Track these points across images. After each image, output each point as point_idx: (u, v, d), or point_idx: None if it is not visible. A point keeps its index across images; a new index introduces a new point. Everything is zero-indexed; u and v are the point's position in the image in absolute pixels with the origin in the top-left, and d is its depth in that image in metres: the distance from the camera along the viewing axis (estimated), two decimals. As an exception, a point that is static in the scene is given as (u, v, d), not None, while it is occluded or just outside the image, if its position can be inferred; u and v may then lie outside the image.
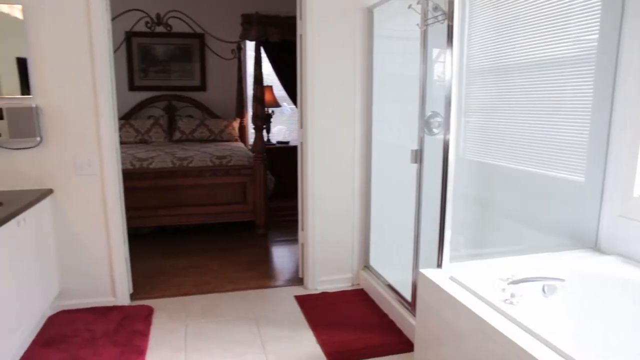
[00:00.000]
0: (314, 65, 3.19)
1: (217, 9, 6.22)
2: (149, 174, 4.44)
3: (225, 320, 3.01)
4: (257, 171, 4.61)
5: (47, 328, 2.91)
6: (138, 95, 6.30)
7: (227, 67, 6.40)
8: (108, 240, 3.13)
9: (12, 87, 2.87)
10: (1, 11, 2.79)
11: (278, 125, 6.90)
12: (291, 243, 4.59)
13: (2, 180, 2.92)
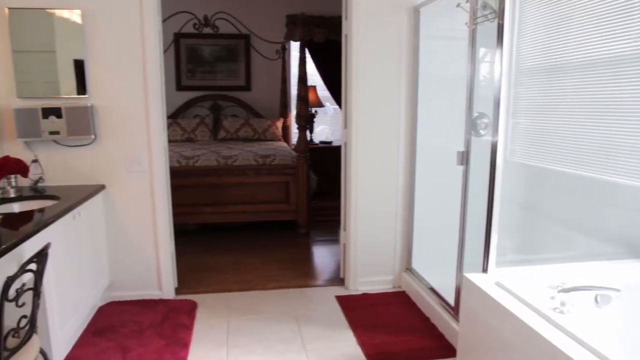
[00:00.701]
0: (359, 65, 3.18)
1: (263, 9, 6.30)
2: (194, 171, 4.55)
3: (267, 318, 3.05)
4: (300, 171, 4.65)
5: (97, 317, 3.03)
6: (185, 95, 6.47)
7: (271, 67, 6.47)
8: (155, 236, 3.24)
9: (69, 88, 3.01)
10: (62, 16, 2.93)
11: (321, 125, 6.92)
12: (332, 243, 4.59)
13: (60, 175, 3.07)
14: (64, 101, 2.99)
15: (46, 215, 2.32)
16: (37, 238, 2.09)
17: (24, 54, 2.93)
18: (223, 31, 5.45)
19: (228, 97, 6.52)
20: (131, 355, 2.60)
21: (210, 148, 5.08)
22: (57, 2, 2.91)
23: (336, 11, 5.31)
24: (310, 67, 5.67)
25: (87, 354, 2.61)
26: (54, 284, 2.35)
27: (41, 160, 3.03)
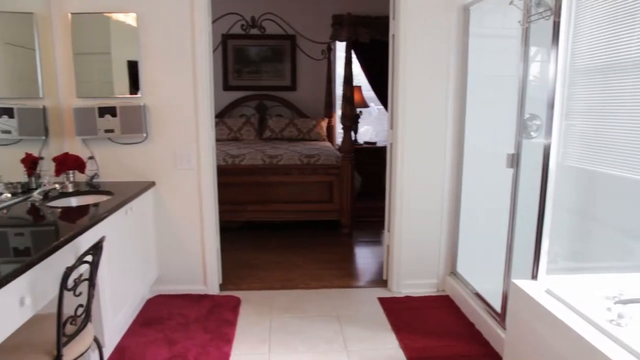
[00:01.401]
0: (406, 65, 3.15)
1: (309, 10, 6.33)
2: (240, 170, 4.63)
3: (309, 317, 3.07)
4: (344, 171, 4.64)
5: (145, 309, 3.14)
6: (231, 94, 6.59)
7: (316, 67, 6.49)
8: (202, 232, 3.32)
9: (122, 88, 3.14)
10: (117, 19, 3.06)
11: (365, 126, 6.89)
12: (375, 244, 4.56)
13: (113, 171, 3.20)
14: (118, 100, 3.12)
15: (101, 209, 2.43)
16: (93, 231, 2.19)
17: (83, 56, 3.08)
18: (269, 32, 5.52)
19: (273, 97, 6.60)
20: (177, 347, 2.67)
21: (256, 147, 5.16)
22: (115, 6, 3.04)
23: (382, 11, 5.27)
24: (355, 67, 5.65)
25: (136, 343, 2.71)
26: (107, 275, 2.45)
27: (96, 157, 3.17)
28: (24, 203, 2.56)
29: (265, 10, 5.46)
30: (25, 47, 2.93)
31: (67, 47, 3.05)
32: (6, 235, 2.00)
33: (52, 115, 3.06)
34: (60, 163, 2.84)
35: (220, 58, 6.47)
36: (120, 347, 2.67)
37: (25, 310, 1.66)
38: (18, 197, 2.60)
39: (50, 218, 2.33)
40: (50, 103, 3.04)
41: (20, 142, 2.85)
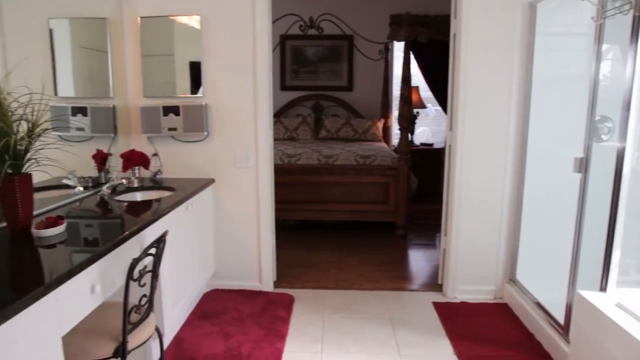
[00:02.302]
0: (467, 65, 3.06)
1: (367, 10, 6.30)
2: (296, 169, 4.68)
3: (362, 318, 3.05)
4: (400, 172, 4.59)
5: (202, 303, 3.24)
6: (288, 94, 6.68)
7: (373, 67, 6.45)
8: (258, 230, 3.38)
9: (184, 88, 3.25)
10: (182, 22, 3.18)
11: (422, 127, 6.78)
12: (430, 247, 4.48)
13: (175, 168, 3.32)
14: (181, 100, 3.23)
15: (164, 204, 2.53)
16: (156, 225, 2.28)
17: (150, 57, 3.22)
18: (327, 32, 5.55)
19: (330, 97, 6.62)
20: (232, 341, 2.74)
21: (312, 147, 5.20)
22: (180, 9, 3.15)
23: (442, 10, 5.16)
24: (413, 67, 5.56)
25: (193, 335, 2.80)
26: (168, 268, 2.55)
27: (160, 154, 3.31)
28: (94, 196, 2.71)
29: (324, 10, 5.49)
30: (98, 50, 3.10)
31: (135, 49, 3.20)
32: (79, 226, 2.13)
33: (121, 114, 3.23)
34: (127, 159, 2.98)
35: (278, 58, 6.57)
36: (178, 338, 2.77)
37: (96, 297, 1.76)
38: (89, 191, 2.75)
39: (117, 211, 2.45)
40: (119, 102, 3.21)
41: (92, 139, 3.02)
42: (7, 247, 1.82)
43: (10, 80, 2.00)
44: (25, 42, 2.43)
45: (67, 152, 2.24)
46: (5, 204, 1.88)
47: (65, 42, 2.81)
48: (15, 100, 1.89)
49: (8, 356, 1.29)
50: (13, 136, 1.83)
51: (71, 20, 2.84)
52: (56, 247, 1.81)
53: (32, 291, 1.36)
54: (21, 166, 1.90)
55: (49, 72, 2.60)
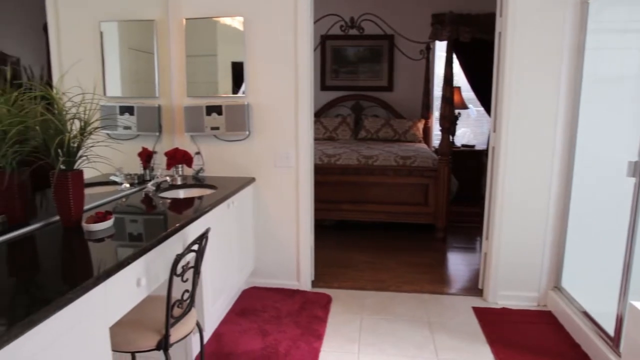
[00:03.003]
0: (513, 65, 2.98)
1: (409, 10, 6.24)
2: (335, 169, 4.69)
3: (399, 320, 3.02)
4: (441, 174, 4.51)
5: (241, 300, 3.29)
6: (328, 94, 6.69)
7: (414, 67, 6.38)
8: (297, 229, 3.40)
9: (226, 87, 3.31)
10: (225, 23, 3.23)
11: (463, 128, 6.65)
12: (470, 250, 4.39)
13: (217, 167, 3.39)
14: (224, 99, 3.29)
15: (206, 202, 2.58)
16: (199, 222, 2.34)
17: (194, 58, 3.30)
18: (368, 32, 5.53)
19: (370, 97, 6.59)
20: (269, 338, 2.77)
21: (351, 147, 5.19)
22: (224, 11, 3.21)
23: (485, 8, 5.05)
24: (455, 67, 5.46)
25: (231, 331, 2.85)
26: (209, 265, 2.60)
27: (202, 152, 3.38)
28: (139, 193, 2.79)
29: (365, 10, 5.46)
30: (145, 51, 3.20)
31: (180, 50, 3.28)
32: (125, 222, 2.20)
33: (165, 113, 3.32)
34: (171, 157, 3.06)
35: (319, 59, 6.59)
36: (217, 334, 2.82)
37: (141, 290, 1.81)
38: (135, 188, 2.84)
39: (161, 208, 2.52)
40: (164, 102, 3.30)
41: (138, 138, 3.12)
42: (60, 240, 1.91)
43: (65, 81, 2.09)
44: (78, 45, 2.54)
45: (115, 150, 2.33)
46: (59, 198, 1.97)
47: (114, 44, 2.91)
48: (69, 100, 1.97)
49: (61, 344, 1.35)
50: (67, 134, 1.91)
51: (120, 22, 2.94)
52: (104, 241, 1.87)
53: (83, 282, 1.42)
54: (73, 163, 1.98)
55: (99, 73, 2.71)
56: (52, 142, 1.89)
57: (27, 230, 1.95)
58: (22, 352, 1.21)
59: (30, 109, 1.87)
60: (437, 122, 6.05)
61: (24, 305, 1.28)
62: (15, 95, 1.87)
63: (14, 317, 1.19)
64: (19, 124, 1.81)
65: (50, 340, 1.31)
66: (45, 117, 1.87)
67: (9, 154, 1.83)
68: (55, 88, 2.01)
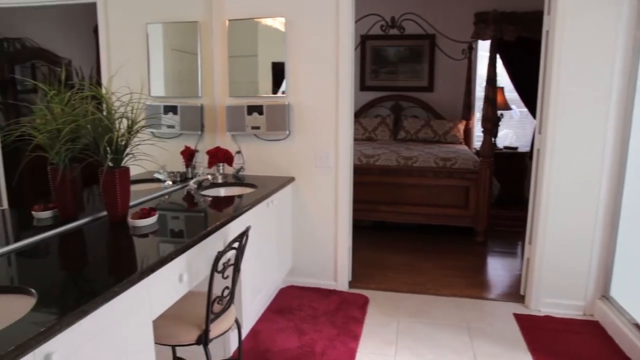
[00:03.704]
0: (561, 64, 2.88)
1: (450, 9, 6.13)
2: (374, 170, 4.66)
3: (437, 324, 2.97)
4: (482, 176, 4.41)
5: (278, 298, 3.31)
6: (368, 95, 6.65)
7: (455, 67, 6.26)
8: (335, 229, 3.40)
9: (266, 87, 3.35)
10: (266, 24, 3.27)
11: (505, 129, 6.48)
12: (511, 255, 4.27)
13: (257, 166, 3.43)
14: (264, 99, 3.33)
15: (246, 201, 2.62)
16: (239, 220, 2.37)
17: (235, 58, 3.35)
18: (409, 32, 5.47)
19: (410, 97, 6.52)
20: (306, 337, 2.78)
21: (390, 148, 5.14)
22: (266, 12, 3.25)
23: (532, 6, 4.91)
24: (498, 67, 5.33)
25: (268, 329, 2.88)
26: (249, 262, 2.63)
27: (243, 151, 3.43)
28: (182, 190, 2.86)
29: (406, 10, 5.41)
30: (188, 52, 3.27)
31: (223, 50, 3.34)
32: (168, 218, 2.26)
33: (208, 112, 3.39)
34: (213, 156, 3.12)
35: (359, 59, 6.57)
36: (254, 331, 2.85)
37: (183, 286, 1.86)
38: (177, 185, 2.92)
39: (202, 205, 2.58)
40: (206, 102, 3.37)
41: (181, 136, 3.20)
42: (107, 234, 1.98)
43: (113, 81, 2.17)
44: (126, 46, 2.63)
45: (159, 148, 2.39)
46: (107, 194, 2.04)
47: (158, 45, 3.00)
48: (118, 99, 2.04)
49: (107, 335, 1.40)
50: (115, 132, 1.98)
51: (164, 24, 3.02)
52: (148, 237, 1.93)
53: (128, 276, 1.46)
54: (121, 160, 2.05)
55: (145, 73, 2.79)
56: (101, 140, 1.96)
57: (77, 224, 2.03)
58: (72, 341, 1.26)
59: (81, 108, 1.95)
60: (479, 124, 5.92)
61: (74, 296, 1.34)
62: (68, 95, 1.95)
63: (66, 307, 1.25)
64: (71, 123, 1.89)
65: (98, 331, 1.36)
66: (96, 116, 1.95)
67: (62, 151, 1.92)
68: (105, 88, 2.08)
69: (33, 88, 2.02)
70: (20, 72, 2.04)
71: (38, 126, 1.90)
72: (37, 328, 1.14)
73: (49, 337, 1.15)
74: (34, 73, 2.07)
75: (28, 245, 1.76)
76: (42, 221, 1.98)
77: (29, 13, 2.05)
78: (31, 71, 2.07)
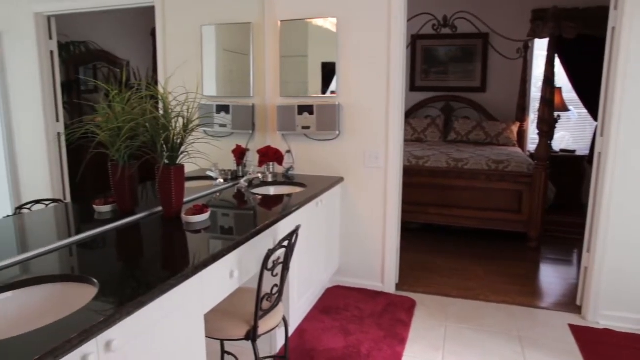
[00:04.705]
0: (628, 63, 2.72)
1: (506, 6, 5.94)
2: (423, 171, 4.59)
3: (487, 331, 2.89)
4: (537, 180, 4.25)
5: (325, 298, 3.32)
6: (417, 95, 6.56)
7: (510, 67, 6.07)
8: (384, 230, 3.37)
9: (316, 88, 3.36)
10: (317, 24, 3.28)
11: (562, 132, 6.21)
12: (567, 263, 4.09)
13: (306, 165, 3.45)
14: (315, 99, 3.34)
15: (296, 200, 2.64)
16: (289, 219, 2.39)
17: (286, 58, 3.38)
18: (461, 31, 5.35)
19: (461, 98, 6.37)
20: (352, 338, 2.77)
21: (440, 149, 5.05)
22: (318, 12, 3.26)
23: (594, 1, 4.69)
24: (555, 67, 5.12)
25: (314, 328, 2.89)
26: (297, 261, 2.65)
27: (293, 151, 3.46)
28: (233, 188, 2.92)
29: (459, 8, 5.30)
30: (240, 52, 3.33)
31: (275, 51, 3.39)
32: (219, 215, 2.31)
33: (259, 112, 3.44)
34: (263, 155, 3.17)
35: (409, 59, 6.49)
36: (300, 329, 2.87)
37: (233, 282, 1.90)
38: (228, 183, 2.98)
39: (252, 203, 2.62)
40: (257, 101, 3.42)
41: (232, 135, 3.26)
42: (162, 229, 2.04)
43: (170, 81, 2.24)
44: (181, 47, 2.71)
45: (212, 147, 2.45)
46: (162, 191, 2.11)
47: (211, 46, 3.07)
48: (174, 99, 2.11)
49: (162, 326, 1.45)
50: (172, 131, 2.04)
51: (218, 26, 3.09)
52: (200, 233, 1.98)
53: (183, 270, 1.51)
54: (176, 158, 2.11)
55: (199, 74, 2.87)
56: (158, 138, 2.03)
57: (134, 218, 2.11)
58: (130, 331, 1.31)
59: (140, 107, 2.02)
60: (533, 125, 5.71)
61: (132, 287, 1.39)
62: (128, 95, 2.03)
63: (124, 298, 1.30)
64: (131, 121, 1.97)
65: (153, 321, 1.41)
66: (155, 115, 2.02)
67: (122, 148, 2.00)
68: (162, 88, 2.16)
69: (94, 88, 2.12)
70: (83, 73, 2.14)
71: (101, 124, 1.99)
72: (99, 316, 1.19)
73: (110, 325, 1.21)
74: (95, 74, 2.18)
75: (90, 237, 1.85)
76: (103, 215, 2.08)
77: (93, 17, 2.15)
78: (93, 72, 2.17)
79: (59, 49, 1.90)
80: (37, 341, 1.08)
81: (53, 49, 1.87)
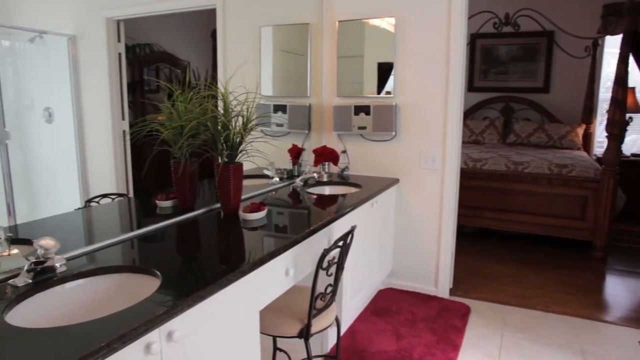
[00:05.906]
0: None
1: (573, 2, 5.66)
2: (481, 174, 4.46)
3: (546, 343, 2.77)
4: (604, 186, 4.02)
5: (377, 299, 3.29)
6: (476, 96, 6.38)
7: (576, 66, 5.78)
8: (439, 233, 3.31)
9: (371, 88, 3.34)
10: (374, 24, 3.26)
11: (633, 135, 5.84)
12: (636, 275, 3.84)
13: (361, 166, 3.44)
14: (371, 99, 3.32)
15: (351, 200, 2.63)
16: (344, 219, 2.40)
17: (343, 59, 3.38)
18: (524, 29, 5.14)
19: (522, 99, 6.14)
20: (403, 342, 2.73)
21: (499, 152, 4.89)
22: (377, 12, 3.24)
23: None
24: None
25: (366, 329, 2.87)
26: (350, 262, 2.65)
27: (348, 151, 3.45)
28: (288, 187, 2.96)
29: (522, 5, 5.10)
30: (297, 53, 3.37)
31: (332, 51, 3.40)
32: (274, 213, 2.34)
33: (315, 111, 3.46)
34: (319, 155, 3.19)
35: (468, 58, 6.31)
36: (352, 330, 2.86)
37: (288, 280, 1.92)
38: (284, 182, 3.02)
39: (307, 203, 2.64)
40: (314, 101, 3.44)
41: (288, 135, 3.30)
42: (220, 225, 2.10)
43: (230, 82, 2.30)
44: (240, 48, 2.77)
45: (268, 146, 2.49)
46: (221, 188, 2.17)
47: (268, 47, 3.12)
48: (234, 99, 2.16)
49: (219, 320, 1.49)
50: (232, 129, 2.09)
51: (276, 27, 3.14)
52: (257, 230, 2.02)
53: (240, 267, 1.54)
54: (235, 156, 2.16)
55: (257, 74, 2.93)
56: (219, 137, 2.09)
57: (194, 214, 2.19)
58: (190, 323, 1.36)
59: (202, 106, 2.09)
60: (600, 128, 5.41)
61: (192, 281, 1.43)
62: (190, 94, 2.11)
63: (185, 291, 1.34)
64: (193, 120, 2.04)
65: (211, 315, 1.45)
66: (216, 114, 2.08)
67: (184, 146, 2.07)
68: (223, 87, 2.22)
69: (156, 88, 2.21)
70: (147, 73, 2.23)
71: (164, 122, 2.07)
72: (162, 307, 1.24)
73: (172, 317, 1.25)
74: (157, 74, 2.27)
75: (152, 231, 1.93)
76: (164, 210, 2.17)
77: (158, 20, 2.24)
78: (155, 73, 2.27)
79: (126, 51, 1.99)
80: (108, 327, 1.14)
81: (121, 51, 1.97)
